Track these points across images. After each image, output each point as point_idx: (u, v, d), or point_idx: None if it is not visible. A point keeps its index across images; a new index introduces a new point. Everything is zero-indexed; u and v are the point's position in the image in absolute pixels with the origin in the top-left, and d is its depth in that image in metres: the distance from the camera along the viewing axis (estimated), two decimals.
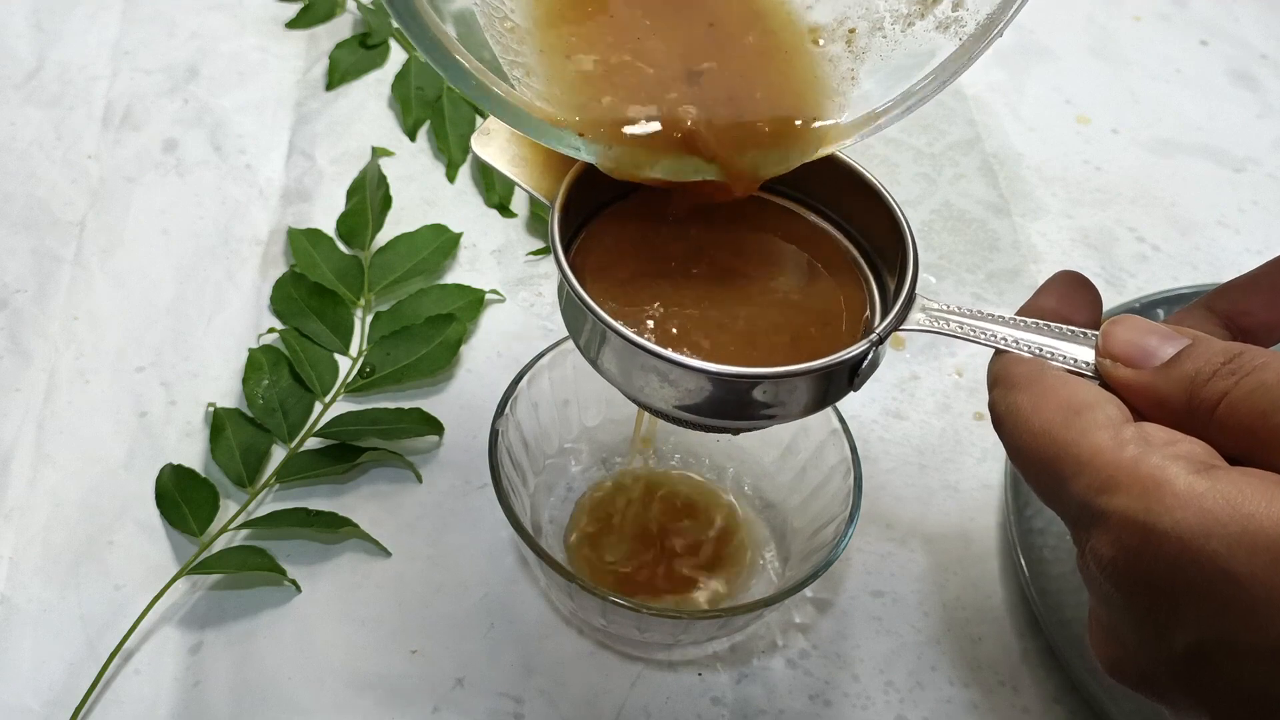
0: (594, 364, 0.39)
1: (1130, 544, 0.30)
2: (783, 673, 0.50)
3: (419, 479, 0.54)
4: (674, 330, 0.38)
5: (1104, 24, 0.82)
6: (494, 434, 0.47)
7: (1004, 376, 0.35)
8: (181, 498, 0.52)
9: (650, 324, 0.38)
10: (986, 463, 0.57)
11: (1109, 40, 0.81)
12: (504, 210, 0.66)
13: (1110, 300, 0.64)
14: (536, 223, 0.65)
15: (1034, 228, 0.68)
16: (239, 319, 0.60)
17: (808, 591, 0.50)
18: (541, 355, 0.49)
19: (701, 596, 0.50)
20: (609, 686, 0.49)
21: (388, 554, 0.52)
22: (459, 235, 0.63)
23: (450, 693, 0.48)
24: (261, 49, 0.73)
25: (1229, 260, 0.68)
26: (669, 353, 0.36)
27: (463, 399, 0.57)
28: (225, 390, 0.57)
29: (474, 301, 0.60)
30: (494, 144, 0.41)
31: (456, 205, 0.66)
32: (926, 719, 0.49)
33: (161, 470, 0.53)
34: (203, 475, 0.53)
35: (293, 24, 0.75)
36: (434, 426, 0.55)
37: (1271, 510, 0.28)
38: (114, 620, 0.49)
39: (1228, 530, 0.28)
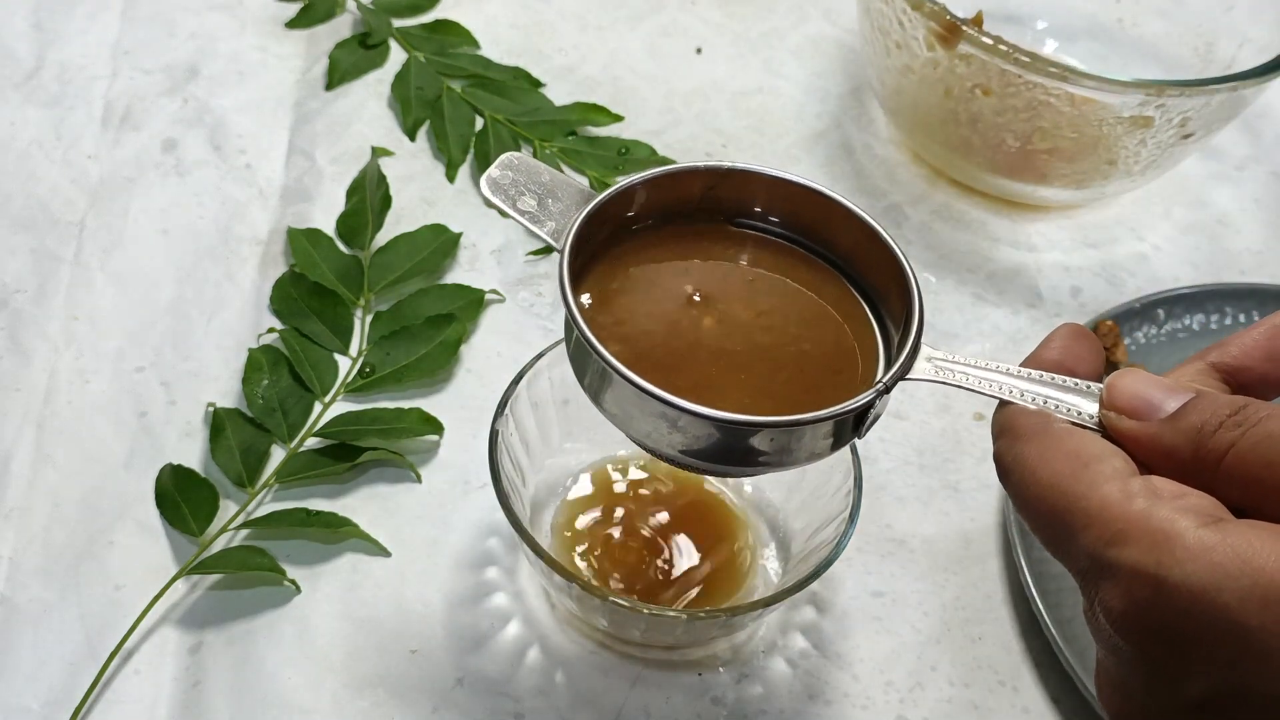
0: (599, 407, 0.39)
1: (1141, 596, 0.30)
2: (783, 673, 0.50)
3: (419, 479, 0.54)
4: (682, 376, 0.38)
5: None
6: (494, 434, 0.47)
7: (1010, 427, 0.35)
8: (181, 498, 0.52)
9: (658, 369, 0.38)
10: (986, 463, 0.57)
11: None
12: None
13: (1110, 300, 0.64)
14: None
15: (1034, 228, 0.68)
16: (239, 319, 0.60)
17: (808, 591, 0.50)
18: (541, 355, 0.49)
19: (700, 596, 0.50)
20: (609, 686, 0.49)
21: (388, 554, 0.52)
22: (459, 235, 0.63)
23: (450, 693, 0.48)
24: (261, 49, 0.73)
25: (1229, 260, 0.68)
26: (678, 400, 0.35)
27: (463, 399, 0.58)
28: (225, 390, 0.57)
29: (474, 301, 0.60)
30: (501, 188, 0.42)
31: (456, 205, 0.66)
32: (926, 719, 0.49)
33: (161, 470, 0.53)
34: (202, 475, 0.53)
35: (293, 24, 0.75)
36: (434, 426, 0.55)
37: None
38: (114, 620, 0.49)
39: (1239, 583, 0.28)
